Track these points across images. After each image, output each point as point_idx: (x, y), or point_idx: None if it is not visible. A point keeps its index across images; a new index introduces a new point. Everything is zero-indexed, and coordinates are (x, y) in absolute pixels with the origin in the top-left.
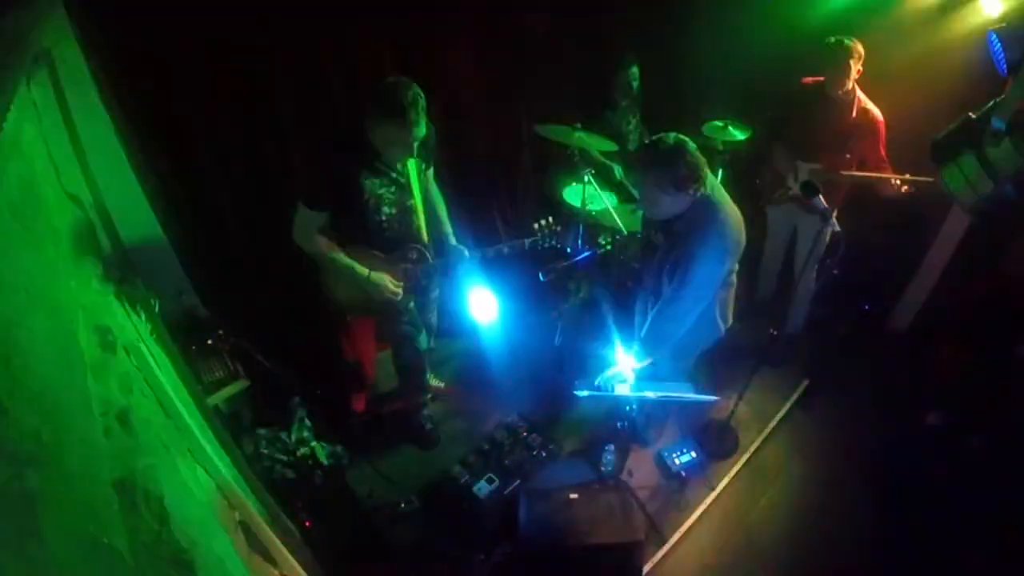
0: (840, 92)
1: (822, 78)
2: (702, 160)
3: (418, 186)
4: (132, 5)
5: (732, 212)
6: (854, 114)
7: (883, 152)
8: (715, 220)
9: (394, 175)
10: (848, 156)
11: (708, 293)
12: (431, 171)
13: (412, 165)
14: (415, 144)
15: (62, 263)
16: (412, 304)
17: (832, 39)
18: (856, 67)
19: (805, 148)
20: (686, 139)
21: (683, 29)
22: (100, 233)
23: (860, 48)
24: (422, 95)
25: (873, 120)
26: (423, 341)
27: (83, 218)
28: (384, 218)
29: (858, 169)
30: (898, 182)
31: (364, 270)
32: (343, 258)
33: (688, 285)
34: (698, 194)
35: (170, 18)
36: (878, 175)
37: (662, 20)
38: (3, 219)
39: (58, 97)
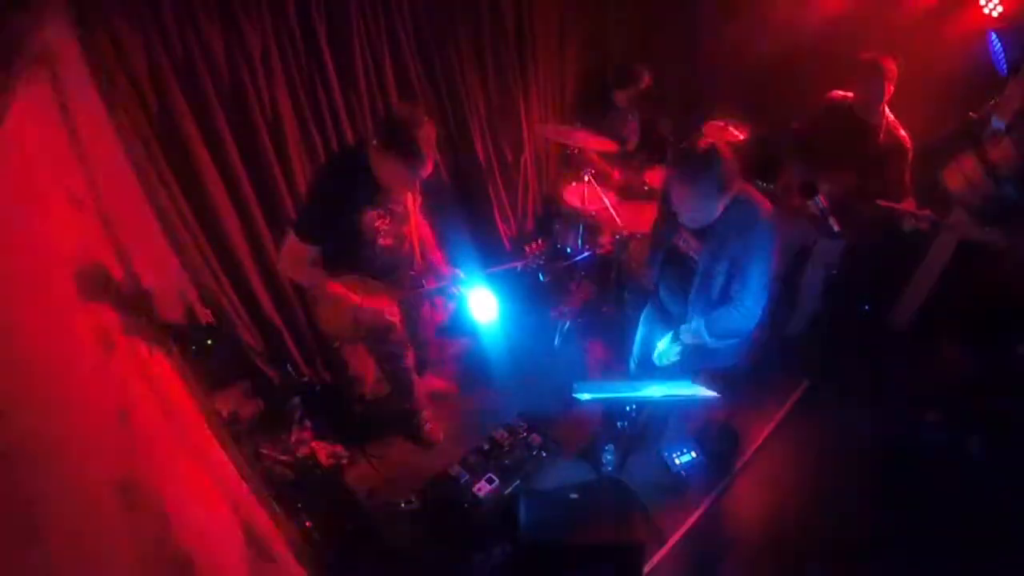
0: (871, 113)
1: (851, 94)
2: (732, 157)
3: (413, 214)
4: (133, 5)
5: (765, 204)
6: (881, 137)
7: (907, 179)
8: (758, 213)
9: (391, 205)
10: (871, 180)
11: (767, 288)
12: (419, 199)
13: (409, 196)
14: (419, 180)
15: (62, 263)
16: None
17: (864, 57)
18: (890, 88)
19: (824, 167)
20: (713, 142)
21: (682, 28)
22: (100, 233)
23: (895, 68)
24: (433, 130)
25: (900, 144)
26: (409, 357)
27: (83, 218)
28: (379, 249)
29: (878, 192)
30: (914, 219)
31: (357, 299)
32: (334, 289)
33: (755, 285)
34: (735, 190)
35: (169, 19)
36: (898, 206)
37: (662, 19)
38: (3, 218)
39: (58, 97)
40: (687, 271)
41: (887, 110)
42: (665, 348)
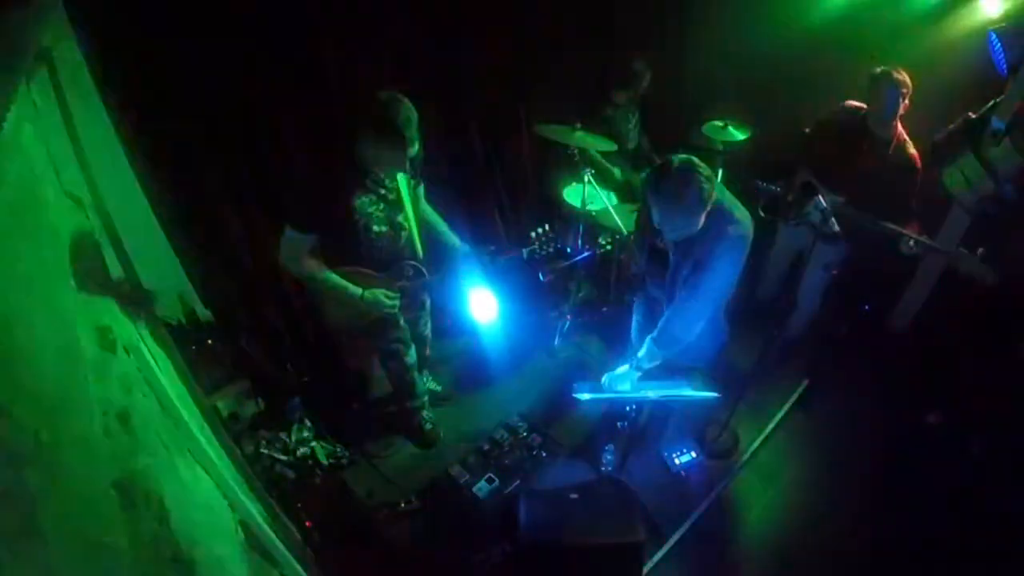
0: (883, 127)
1: (865, 106)
2: (706, 166)
3: (409, 201)
4: (132, 6)
5: (742, 214)
6: (890, 151)
7: (912, 199)
8: (731, 225)
9: (383, 191)
10: (874, 195)
11: (724, 296)
12: (422, 188)
13: (402, 180)
14: (407, 162)
15: (62, 263)
16: (403, 321)
17: (879, 70)
18: (904, 103)
19: (830, 178)
20: (685, 155)
21: (683, 28)
22: (100, 233)
23: (909, 82)
24: (415, 112)
25: (909, 161)
26: (412, 354)
27: (83, 218)
28: (375, 236)
29: (881, 208)
30: (912, 243)
31: (357, 290)
32: (334, 279)
33: (704, 290)
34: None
35: (169, 18)
36: (898, 229)
37: (662, 19)
38: (3, 219)
39: (58, 97)
40: (666, 269)
41: (899, 126)
42: (617, 375)
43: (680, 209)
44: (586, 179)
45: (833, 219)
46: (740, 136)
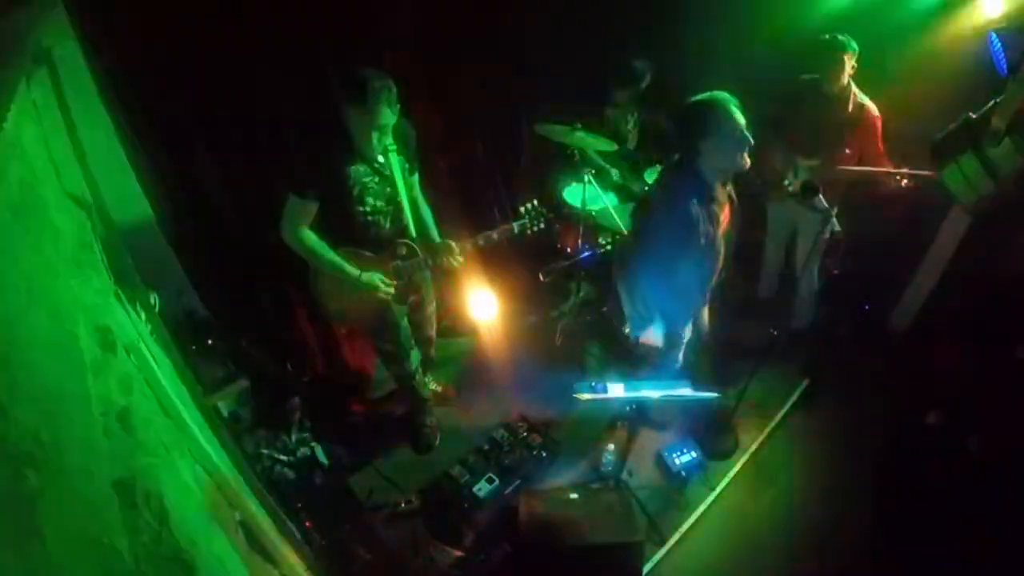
0: (836, 88)
1: (817, 75)
2: None
3: (402, 181)
4: (132, 5)
5: None
6: (850, 109)
7: (880, 147)
8: None
9: (377, 165)
10: (847, 151)
11: None
12: (416, 177)
13: (395, 161)
14: (381, 131)
15: (62, 263)
16: (405, 322)
17: (826, 36)
18: (851, 63)
19: (803, 145)
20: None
21: (681, 27)
22: (100, 233)
23: (854, 44)
24: (392, 87)
25: (869, 114)
26: (415, 358)
27: (83, 218)
28: (369, 209)
29: (857, 165)
30: (898, 177)
31: (355, 270)
32: (333, 256)
33: None
34: None
35: (168, 17)
36: (876, 169)
37: (662, 18)
38: (3, 219)
39: (58, 97)
40: None
41: (853, 84)
42: None
43: None
44: (586, 179)
45: (834, 219)
46: None
